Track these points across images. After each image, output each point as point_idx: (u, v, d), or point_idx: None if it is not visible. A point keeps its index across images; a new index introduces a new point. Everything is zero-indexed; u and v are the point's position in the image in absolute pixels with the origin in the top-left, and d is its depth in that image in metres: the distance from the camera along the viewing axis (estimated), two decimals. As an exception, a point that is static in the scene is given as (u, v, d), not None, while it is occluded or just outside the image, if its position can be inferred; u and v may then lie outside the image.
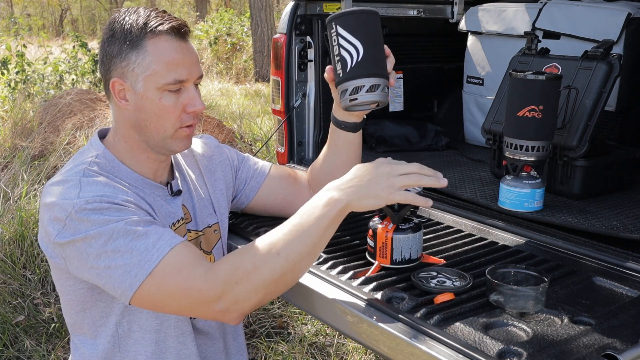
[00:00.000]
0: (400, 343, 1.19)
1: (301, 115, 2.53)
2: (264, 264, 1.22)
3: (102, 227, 1.23)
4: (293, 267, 1.24)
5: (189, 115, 1.39)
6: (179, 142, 1.42)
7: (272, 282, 1.24)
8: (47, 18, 29.35)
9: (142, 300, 1.26)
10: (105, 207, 1.26)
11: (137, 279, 1.22)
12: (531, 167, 1.78)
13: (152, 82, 1.34)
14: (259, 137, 6.19)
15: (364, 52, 1.40)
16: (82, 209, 1.25)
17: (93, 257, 1.25)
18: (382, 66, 1.47)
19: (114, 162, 1.41)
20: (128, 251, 1.23)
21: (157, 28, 1.34)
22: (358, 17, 1.44)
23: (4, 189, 4.11)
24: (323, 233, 1.24)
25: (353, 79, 1.42)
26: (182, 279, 1.22)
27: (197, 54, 1.42)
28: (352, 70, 1.40)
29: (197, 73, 1.39)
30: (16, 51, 7.33)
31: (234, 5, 22.52)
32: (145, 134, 1.40)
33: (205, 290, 1.22)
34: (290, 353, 2.93)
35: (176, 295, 1.24)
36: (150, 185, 1.45)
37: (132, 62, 1.34)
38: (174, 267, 1.23)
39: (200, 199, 1.60)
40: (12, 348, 2.91)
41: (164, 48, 1.34)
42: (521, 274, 1.31)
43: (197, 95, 1.39)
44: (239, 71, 12.20)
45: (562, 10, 2.27)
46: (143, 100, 1.36)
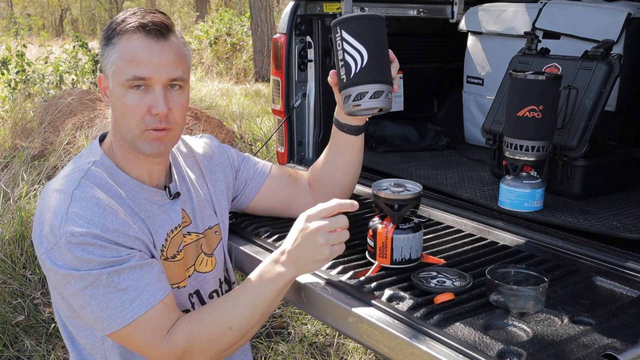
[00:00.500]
0: (400, 343, 1.19)
1: (301, 115, 2.53)
2: (218, 337, 1.33)
3: (85, 271, 1.26)
4: (244, 335, 1.36)
5: (154, 117, 1.35)
6: (147, 145, 1.38)
7: (224, 350, 1.36)
8: (47, 18, 29.36)
9: (113, 339, 1.36)
10: (90, 242, 1.27)
11: (108, 329, 1.30)
12: (531, 167, 1.78)
13: (116, 79, 1.35)
14: (259, 137, 6.19)
15: (368, 58, 1.39)
16: (68, 242, 1.26)
17: (71, 294, 1.30)
18: (387, 72, 1.47)
19: (112, 169, 1.41)
20: (104, 302, 1.28)
21: (131, 26, 1.34)
22: (363, 23, 1.43)
23: (4, 189, 4.11)
24: (271, 303, 1.36)
25: (357, 84, 1.42)
26: (150, 338, 1.31)
27: (179, 57, 1.38)
28: (355, 76, 1.40)
29: (165, 74, 1.34)
30: (16, 51, 7.33)
31: (234, 5, 22.52)
32: (121, 132, 1.40)
33: (166, 354, 1.32)
34: (290, 353, 2.93)
35: (142, 348, 1.34)
36: (148, 191, 1.44)
37: (105, 57, 1.37)
38: (145, 327, 1.30)
39: (201, 200, 1.59)
40: (12, 348, 2.91)
41: (131, 45, 1.34)
42: (521, 274, 1.31)
43: (161, 97, 1.34)
44: (239, 71, 12.20)
45: (562, 10, 2.27)
46: (112, 97, 1.38)
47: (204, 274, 1.57)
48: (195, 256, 1.55)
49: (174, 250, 1.48)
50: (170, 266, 1.46)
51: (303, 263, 1.34)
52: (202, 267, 1.57)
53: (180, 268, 1.49)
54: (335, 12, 2.50)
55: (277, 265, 1.34)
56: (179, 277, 1.49)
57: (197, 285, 1.55)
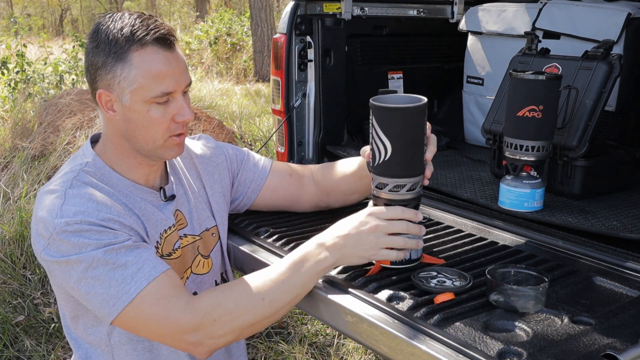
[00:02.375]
0: (400, 343, 1.19)
1: (301, 115, 2.53)
2: (247, 306, 1.26)
3: (82, 254, 1.25)
4: (273, 314, 1.29)
5: (178, 124, 1.38)
6: (170, 151, 1.41)
7: (251, 325, 1.28)
8: (47, 18, 29.35)
9: (121, 325, 1.31)
10: (86, 229, 1.26)
11: (115, 309, 1.26)
12: (531, 167, 1.78)
13: (139, 96, 1.32)
14: (259, 137, 6.19)
15: (392, 153, 1.32)
16: (63, 230, 1.26)
17: (74, 281, 1.28)
18: (413, 166, 1.36)
19: (104, 170, 1.40)
20: (106, 281, 1.26)
21: (143, 39, 1.30)
22: (393, 115, 1.31)
23: (4, 189, 4.11)
24: (306, 286, 1.32)
25: (379, 174, 1.38)
26: (160, 310, 1.25)
27: (185, 61, 1.39)
28: (378, 166, 1.35)
29: (184, 82, 1.36)
30: (16, 51, 7.32)
31: (234, 5, 22.52)
32: (134, 144, 1.39)
33: (182, 321, 1.25)
34: (290, 353, 2.93)
35: (152, 324, 1.27)
36: (142, 191, 1.44)
37: (117, 75, 1.31)
38: (152, 299, 1.26)
39: (198, 202, 1.59)
40: (12, 348, 2.91)
41: (150, 60, 1.30)
42: (521, 274, 1.31)
43: (185, 105, 1.37)
44: (239, 71, 12.20)
45: (562, 10, 2.27)
46: (130, 112, 1.34)
47: (201, 275, 1.57)
48: (192, 258, 1.55)
49: (169, 249, 1.48)
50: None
51: (347, 253, 1.31)
52: (198, 269, 1.56)
53: (177, 267, 1.49)
54: (335, 12, 2.50)
55: (322, 250, 1.31)
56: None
57: (194, 288, 1.55)
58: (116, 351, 1.43)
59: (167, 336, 1.29)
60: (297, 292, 1.31)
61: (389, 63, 2.81)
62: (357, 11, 2.57)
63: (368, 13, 2.62)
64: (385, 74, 2.78)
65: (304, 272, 1.30)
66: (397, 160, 1.34)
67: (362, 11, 2.59)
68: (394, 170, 1.35)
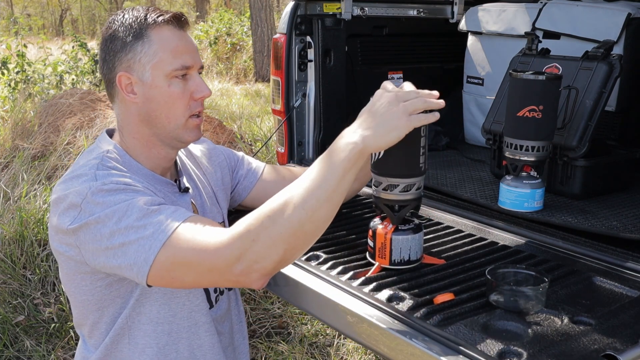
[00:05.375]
0: (400, 343, 1.19)
1: (301, 115, 2.53)
2: (281, 216, 1.15)
3: (117, 205, 1.23)
4: (312, 216, 1.16)
5: (197, 102, 1.41)
6: (190, 132, 1.43)
7: (291, 234, 1.16)
8: (47, 18, 29.35)
9: (159, 275, 1.22)
10: (122, 188, 1.26)
11: (152, 251, 1.19)
12: (531, 167, 1.78)
13: (160, 70, 1.36)
14: (259, 137, 6.19)
15: (385, 152, 1.31)
16: (99, 190, 1.25)
17: (107, 237, 1.23)
18: (406, 167, 1.35)
19: (125, 157, 1.41)
20: (142, 226, 1.21)
21: (158, 19, 1.37)
22: None
23: (4, 189, 4.11)
24: (342, 177, 1.17)
25: (374, 173, 1.39)
26: (198, 243, 1.18)
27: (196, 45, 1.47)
28: (373, 164, 1.37)
29: (199, 61, 1.42)
30: (16, 51, 7.33)
31: (234, 5, 22.52)
32: (156, 126, 1.40)
33: (222, 251, 1.17)
34: (290, 353, 2.93)
35: (193, 262, 1.19)
36: (161, 182, 1.45)
37: (138, 53, 1.36)
38: (188, 234, 1.19)
39: (208, 196, 1.61)
40: (12, 348, 2.91)
41: (168, 37, 1.37)
42: (521, 274, 1.31)
43: (202, 82, 1.42)
44: (239, 71, 12.20)
45: (562, 10, 2.27)
46: (152, 89, 1.37)
47: None
48: None
49: None
50: None
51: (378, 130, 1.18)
52: None
53: None
54: (335, 12, 2.50)
55: (349, 137, 1.19)
56: None
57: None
58: (133, 334, 1.41)
59: (213, 272, 1.20)
60: (332, 186, 1.16)
61: (389, 63, 2.81)
62: (357, 11, 2.57)
63: (368, 13, 2.62)
64: (385, 74, 2.78)
65: (336, 164, 1.17)
66: (390, 159, 1.34)
67: (362, 11, 2.59)
68: (387, 169, 1.36)
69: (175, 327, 1.44)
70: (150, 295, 1.40)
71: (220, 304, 1.57)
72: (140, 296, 1.39)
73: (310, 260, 1.54)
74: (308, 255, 1.56)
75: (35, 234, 3.54)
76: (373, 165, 1.38)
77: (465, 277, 1.41)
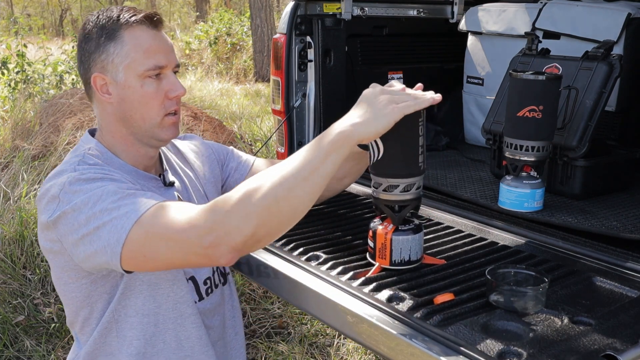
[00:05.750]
0: (400, 343, 1.19)
1: (301, 115, 2.53)
2: (258, 190, 1.14)
3: (92, 191, 1.25)
4: (288, 194, 1.14)
5: (171, 101, 1.41)
6: (167, 130, 1.43)
7: (265, 209, 1.14)
8: (47, 18, 29.35)
9: (132, 255, 1.21)
10: (99, 176, 1.28)
11: (124, 230, 1.19)
12: (531, 167, 1.78)
13: (132, 70, 1.37)
14: (259, 137, 6.19)
15: (384, 153, 1.33)
16: (77, 179, 1.27)
17: (84, 224, 1.23)
18: (406, 167, 1.36)
19: (107, 154, 1.42)
20: (115, 208, 1.21)
21: (131, 19, 1.38)
22: None
23: (4, 189, 4.11)
24: (324, 159, 1.16)
25: (374, 174, 1.39)
26: (171, 218, 1.18)
27: (172, 44, 1.46)
28: (373, 165, 1.37)
29: (174, 60, 1.42)
30: (16, 51, 7.32)
31: (234, 5, 22.51)
32: (132, 125, 1.41)
33: (194, 222, 1.17)
34: (290, 353, 2.93)
35: (165, 235, 1.19)
36: (144, 177, 1.46)
37: (111, 54, 1.37)
38: (162, 211, 1.20)
39: (196, 190, 1.61)
40: (12, 348, 2.91)
41: (140, 37, 1.38)
42: (521, 274, 1.31)
43: (177, 81, 1.42)
44: (239, 71, 12.19)
45: (562, 10, 2.27)
46: (125, 90, 1.38)
47: None
48: None
49: None
50: None
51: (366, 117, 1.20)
52: None
53: None
54: (335, 12, 2.50)
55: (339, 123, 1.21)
56: None
57: (192, 272, 1.55)
58: (120, 327, 1.42)
59: (183, 246, 1.19)
60: (313, 167, 1.15)
61: (389, 63, 2.81)
62: (357, 11, 2.57)
63: (368, 13, 2.62)
64: (385, 74, 2.78)
65: (319, 147, 1.17)
66: (389, 160, 1.34)
67: (362, 11, 2.59)
68: (386, 170, 1.36)
69: (161, 318, 1.45)
70: (134, 287, 1.40)
71: (212, 297, 1.57)
72: (125, 289, 1.40)
73: (310, 260, 1.54)
74: (308, 255, 1.56)
75: (35, 234, 3.54)
76: (372, 167, 1.38)
77: (465, 277, 1.41)
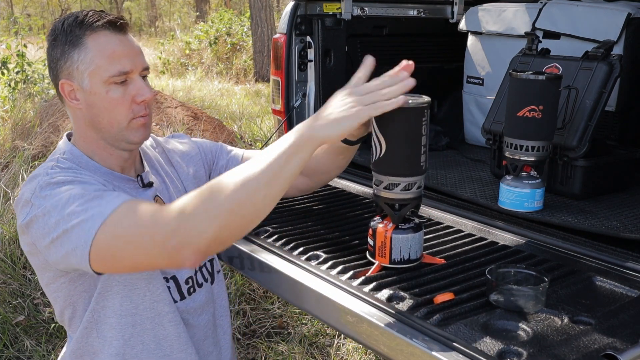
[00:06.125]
0: (400, 343, 1.19)
1: (301, 115, 2.53)
2: (220, 193, 1.15)
3: (61, 194, 1.25)
4: (250, 198, 1.16)
5: (139, 105, 1.39)
6: (136, 132, 1.41)
7: (228, 212, 1.15)
8: (47, 18, 29.34)
9: (100, 256, 1.22)
10: (69, 179, 1.28)
11: (91, 231, 1.19)
12: (531, 167, 1.78)
13: (97, 77, 1.36)
14: (259, 137, 6.19)
15: (386, 151, 1.33)
16: (47, 183, 1.27)
17: (54, 227, 1.24)
18: (408, 165, 1.36)
19: (82, 158, 1.42)
20: (83, 210, 1.22)
21: (94, 24, 1.36)
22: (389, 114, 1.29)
23: (4, 189, 4.12)
24: (285, 163, 1.16)
25: (375, 171, 1.39)
26: (137, 219, 1.20)
27: (139, 46, 1.43)
28: (375, 163, 1.37)
29: (140, 64, 1.39)
30: (16, 51, 7.32)
31: (234, 5, 22.52)
32: (101, 130, 1.41)
33: (159, 224, 1.18)
34: (290, 353, 2.93)
35: (131, 236, 1.20)
36: (120, 179, 1.45)
37: (75, 61, 1.36)
38: (128, 212, 1.21)
39: (177, 190, 1.60)
40: (12, 348, 2.91)
41: (104, 42, 1.36)
42: (521, 274, 1.31)
43: (144, 85, 1.39)
44: (239, 71, 12.19)
45: (562, 10, 2.27)
46: (92, 96, 1.37)
47: None
48: None
49: None
50: None
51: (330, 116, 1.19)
52: None
53: None
54: (335, 12, 2.50)
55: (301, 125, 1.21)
56: None
57: (173, 271, 1.54)
58: (100, 327, 1.43)
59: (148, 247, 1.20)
60: (274, 171, 1.16)
61: (389, 63, 2.79)
62: (357, 11, 2.57)
63: (368, 13, 2.62)
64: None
65: (280, 150, 1.17)
66: (391, 158, 1.34)
67: (362, 11, 2.59)
68: (388, 168, 1.36)
69: (138, 318, 1.45)
70: (111, 287, 1.41)
71: (196, 296, 1.56)
72: (102, 289, 1.40)
73: (310, 260, 1.54)
74: (308, 255, 1.56)
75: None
76: (374, 164, 1.38)
77: (465, 277, 1.41)
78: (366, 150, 1.85)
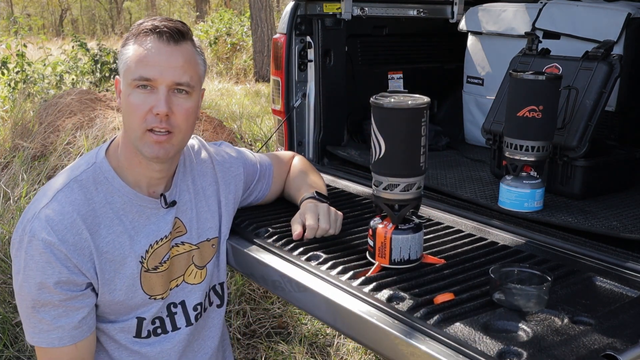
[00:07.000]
0: (400, 343, 1.19)
1: (301, 115, 2.53)
2: None
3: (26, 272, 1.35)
4: None
5: (155, 117, 1.35)
6: (146, 147, 1.37)
7: None
8: (47, 18, 29.34)
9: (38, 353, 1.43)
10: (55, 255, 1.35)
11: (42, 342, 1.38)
12: (531, 167, 1.78)
13: (126, 78, 1.38)
14: (259, 137, 6.19)
15: (385, 152, 1.34)
16: (40, 240, 1.34)
17: (25, 308, 1.40)
18: (407, 167, 1.37)
19: (109, 174, 1.42)
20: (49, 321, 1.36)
21: (148, 30, 1.36)
22: (388, 114, 1.32)
23: (4, 189, 4.11)
24: None
25: (375, 172, 1.40)
26: None
27: (188, 63, 1.38)
28: (374, 164, 1.38)
29: (170, 77, 1.35)
30: (16, 51, 7.32)
31: (234, 5, 22.52)
32: (127, 132, 1.41)
33: None
34: (290, 353, 2.93)
35: None
36: (141, 199, 1.44)
37: (121, 60, 1.39)
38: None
39: (205, 211, 1.58)
40: (12, 348, 2.91)
41: (142, 47, 1.36)
42: (524, 273, 1.31)
43: (163, 98, 1.34)
44: (239, 71, 12.19)
45: (562, 10, 2.27)
46: (122, 96, 1.40)
47: (192, 285, 1.57)
48: (185, 267, 1.55)
49: (155, 262, 1.47)
50: (151, 277, 1.46)
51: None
52: (190, 279, 1.56)
53: (162, 280, 1.49)
54: (335, 12, 2.50)
55: None
56: (160, 289, 1.49)
57: (183, 296, 1.55)
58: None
59: None
60: None
61: (389, 63, 2.81)
62: (357, 11, 2.57)
63: (368, 13, 2.62)
64: (385, 74, 2.78)
65: None
66: (390, 159, 1.34)
67: (362, 11, 2.59)
68: (388, 168, 1.36)
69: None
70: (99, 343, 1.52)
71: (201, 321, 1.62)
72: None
73: (310, 260, 1.54)
74: (308, 255, 1.56)
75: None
76: (374, 165, 1.38)
77: (465, 277, 1.41)
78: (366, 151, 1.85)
